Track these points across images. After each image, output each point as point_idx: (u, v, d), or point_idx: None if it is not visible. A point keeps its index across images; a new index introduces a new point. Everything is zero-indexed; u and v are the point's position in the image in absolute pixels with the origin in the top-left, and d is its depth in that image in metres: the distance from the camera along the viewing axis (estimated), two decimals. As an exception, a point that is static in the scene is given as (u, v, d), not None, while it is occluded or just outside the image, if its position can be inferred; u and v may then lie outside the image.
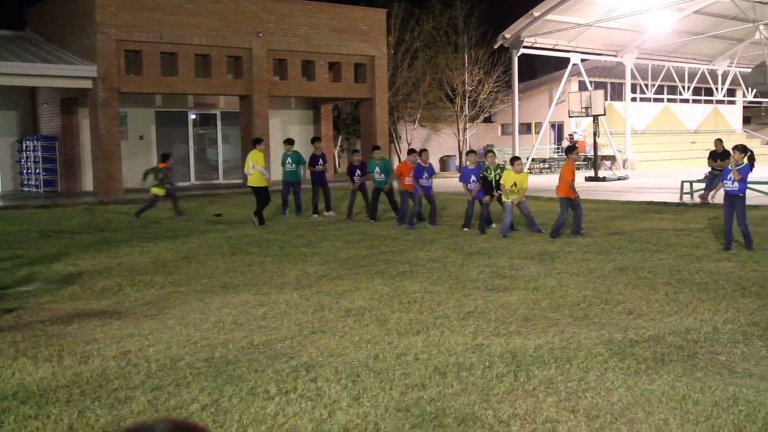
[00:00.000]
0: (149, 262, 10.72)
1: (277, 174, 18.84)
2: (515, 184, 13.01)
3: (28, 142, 24.24)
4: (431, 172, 14.47)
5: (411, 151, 15.05)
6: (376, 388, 5.20)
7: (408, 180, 14.35)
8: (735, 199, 11.06)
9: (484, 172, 13.49)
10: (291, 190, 16.64)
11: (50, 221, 16.25)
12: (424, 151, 14.83)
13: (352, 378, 5.41)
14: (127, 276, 9.65)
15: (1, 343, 6.54)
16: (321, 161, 16.69)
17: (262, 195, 15.02)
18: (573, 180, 12.53)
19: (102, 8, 21.50)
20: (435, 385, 5.24)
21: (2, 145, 24.78)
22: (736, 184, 10.96)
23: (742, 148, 11.16)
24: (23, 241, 13.10)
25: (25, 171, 24.60)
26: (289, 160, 16.56)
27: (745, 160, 10.96)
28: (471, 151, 14.87)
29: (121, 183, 22.31)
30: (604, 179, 27.22)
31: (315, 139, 17.67)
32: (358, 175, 15.84)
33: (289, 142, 16.80)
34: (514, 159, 13.65)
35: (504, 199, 13.10)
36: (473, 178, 13.71)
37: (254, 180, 15.17)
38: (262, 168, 15.08)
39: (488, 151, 14.79)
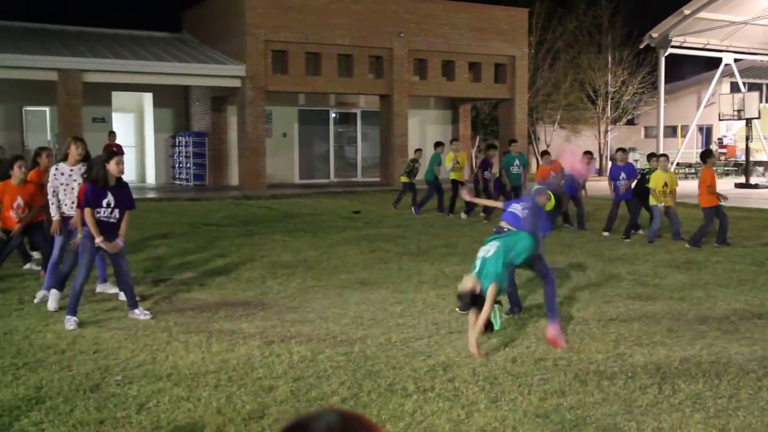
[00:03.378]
0: (290, 256, 11.07)
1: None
2: (666, 184, 12.50)
3: (180, 138, 25.58)
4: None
5: (544, 153, 14.75)
6: (515, 392, 5.16)
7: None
8: None
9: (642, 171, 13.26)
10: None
11: (199, 214, 17.08)
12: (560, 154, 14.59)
13: (490, 380, 5.39)
14: (270, 269, 10.00)
15: (155, 328, 6.94)
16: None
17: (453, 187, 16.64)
18: (713, 186, 11.95)
19: (252, 10, 22.36)
20: (575, 392, 5.14)
21: (158, 141, 26.24)
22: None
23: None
24: (175, 232, 13.83)
25: (177, 165, 25.97)
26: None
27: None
28: (621, 149, 14.35)
29: (264, 178, 23.11)
30: (756, 186, 25.73)
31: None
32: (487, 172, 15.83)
33: (439, 144, 17.41)
34: (660, 155, 13.07)
35: (653, 202, 12.57)
36: (623, 175, 13.33)
37: (454, 174, 16.78)
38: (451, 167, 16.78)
39: (621, 149, 14.27)
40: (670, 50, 30.33)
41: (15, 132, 22.87)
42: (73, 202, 7.99)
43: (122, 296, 7.98)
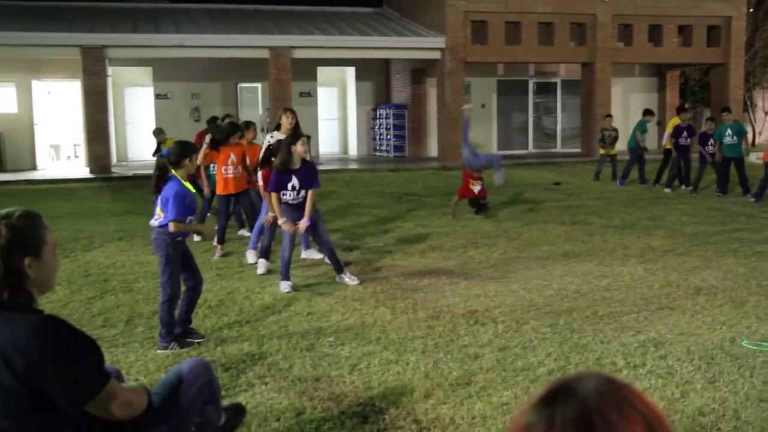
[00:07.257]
0: (491, 226, 11.06)
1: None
2: None
3: (381, 111, 26.24)
4: None
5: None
6: (734, 373, 4.87)
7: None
8: None
9: None
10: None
11: (400, 184, 17.47)
12: None
13: (706, 360, 5.13)
14: (471, 239, 10.06)
15: (363, 294, 7.21)
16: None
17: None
18: None
19: (451, -19, 22.38)
20: (804, 377, 4.77)
21: (360, 113, 27.05)
22: None
23: None
24: (378, 202, 14.25)
25: (377, 137, 26.68)
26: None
27: None
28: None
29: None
30: None
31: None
32: (711, 144, 14.73)
33: (648, 113, 16.63)
34: None
35: None
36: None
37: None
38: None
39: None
40: None
41: (231, 107, 24.42)
42: None
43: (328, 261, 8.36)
